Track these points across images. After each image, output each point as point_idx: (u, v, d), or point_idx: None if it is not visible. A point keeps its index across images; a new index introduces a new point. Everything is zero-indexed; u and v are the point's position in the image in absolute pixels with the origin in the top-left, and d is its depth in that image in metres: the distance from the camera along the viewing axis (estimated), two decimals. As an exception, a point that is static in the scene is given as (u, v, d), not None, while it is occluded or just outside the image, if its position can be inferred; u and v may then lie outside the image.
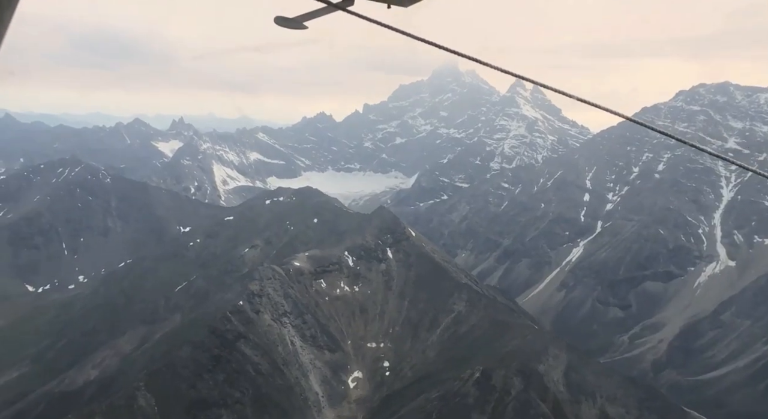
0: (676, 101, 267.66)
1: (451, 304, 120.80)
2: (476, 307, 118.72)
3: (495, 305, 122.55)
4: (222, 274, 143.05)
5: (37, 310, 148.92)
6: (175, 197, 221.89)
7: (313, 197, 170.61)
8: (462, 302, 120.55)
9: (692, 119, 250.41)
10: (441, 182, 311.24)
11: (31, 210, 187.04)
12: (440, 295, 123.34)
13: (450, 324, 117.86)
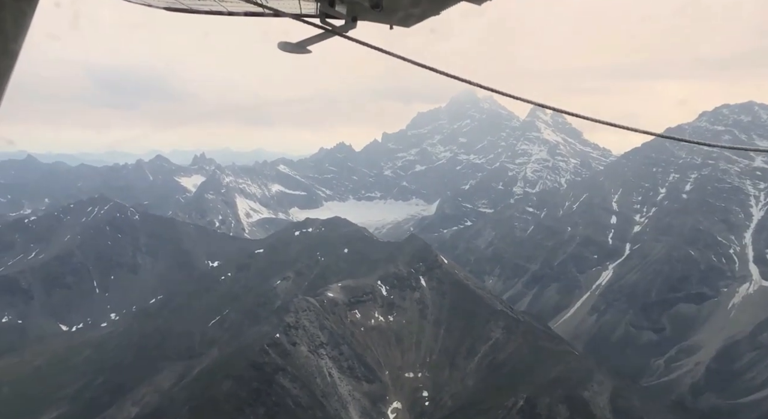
0: (700, 122, 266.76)
1: (488, 331, 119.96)
2: (514, 334, 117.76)
3: (533, 332, 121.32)
4: (255, 307, 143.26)
5: (73, 349, 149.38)
6: (202, 231, 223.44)
7: (342, 227, 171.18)
8: (499, 329, 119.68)
9: (717, 139, 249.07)
10: (464, 208, 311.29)
11: (63, 250, 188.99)
12: (476, 322, 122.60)
13: (488, 351, 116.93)
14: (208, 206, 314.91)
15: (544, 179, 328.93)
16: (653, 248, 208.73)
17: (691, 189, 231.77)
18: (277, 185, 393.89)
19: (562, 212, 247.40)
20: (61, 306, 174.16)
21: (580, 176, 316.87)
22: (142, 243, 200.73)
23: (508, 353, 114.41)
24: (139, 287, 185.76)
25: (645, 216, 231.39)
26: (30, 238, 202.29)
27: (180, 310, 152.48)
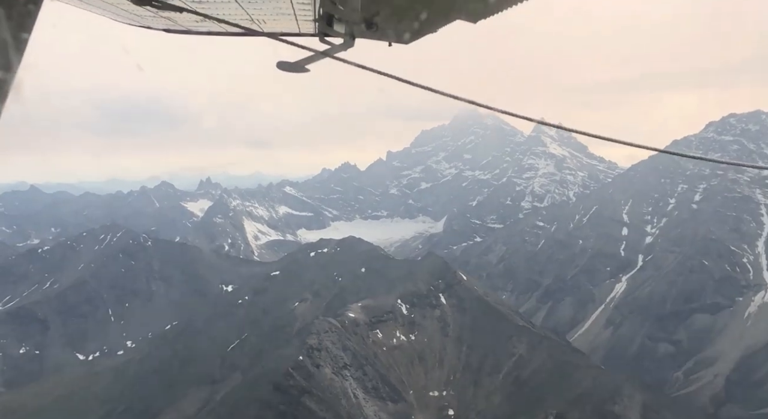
0: (706, 133, 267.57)
1: (510, 347, 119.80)
2: (537, 349, 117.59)
3: (556, 347, 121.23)
4: (274, 330, 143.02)
5: (91, 378, 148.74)
6: (214, 255, 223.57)
7: (358, 247, 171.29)
8: (522, 345, 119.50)
9: (725, 149, 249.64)
10: (473, 224, 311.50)
11: (77, 279, 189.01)
12: (499, 339, 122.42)
13: (512, 367, 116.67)
14: (216, 230, 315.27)
15: (552, 192, 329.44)
16: (666, 259, 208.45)
17: (701, 199, 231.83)
18: (284, 206, 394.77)
19: (572, 225, 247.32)
20: (78, 335, 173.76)
21: (589, 188, 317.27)
22: (155, 269, 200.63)
23: (533, 369, 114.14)
24: (153, 313, 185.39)
25: (656, 227, 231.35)
26: (44, 268, 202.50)
27: (198, 335, 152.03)
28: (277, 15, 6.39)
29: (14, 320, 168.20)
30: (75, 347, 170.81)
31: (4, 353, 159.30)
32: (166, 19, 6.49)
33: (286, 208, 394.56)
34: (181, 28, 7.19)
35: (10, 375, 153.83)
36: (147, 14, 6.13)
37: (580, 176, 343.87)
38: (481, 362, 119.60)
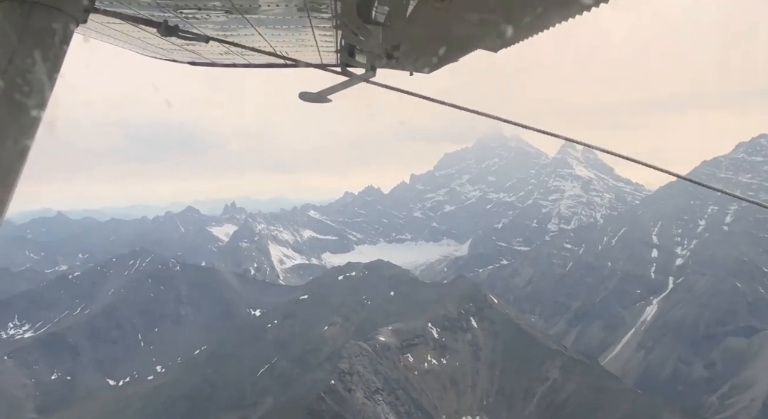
0: (736, 153, 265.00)
1: (544, 372, 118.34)
2: (572, 374, 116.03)
3: (591, 371, 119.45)
4: (304, 354, 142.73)
5: (123, 403, 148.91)
6: (241, 279, 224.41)
7: (386, 270, 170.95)
8: (556, 369, 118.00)
9: (756, 169, 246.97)
10: (499, 247, 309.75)
11: (107, 304, 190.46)
12: (531, 363, 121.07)
13: (546, 392, 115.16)
14: (242, 254, 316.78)
15: (579, 214, 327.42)
16: (698, 281, 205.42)
17: (731, 221, 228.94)
18: (309, 230, 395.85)
19: (600, 247, 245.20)
20: (108, 361, 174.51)
21: (616, 210, 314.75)
22: (183, 294, 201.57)
23: (568, 393, 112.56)
24: (182, 338, 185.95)
25: (687, 249, 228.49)
26: (75, 294, 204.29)
27: (227, 360, 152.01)
28: (300, 47, 6.56)
29: (46, 346, 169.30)
30: (105, 372, 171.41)
31: (36, 379, 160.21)
32: (191, 52, 6.75)
33: (311, 232, 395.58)
34: (205, 60, 7.48)
35: (43, 400, 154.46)
36: (173, 47, 6.38)
37: (607, 197, 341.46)
38: (515, 386, 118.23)
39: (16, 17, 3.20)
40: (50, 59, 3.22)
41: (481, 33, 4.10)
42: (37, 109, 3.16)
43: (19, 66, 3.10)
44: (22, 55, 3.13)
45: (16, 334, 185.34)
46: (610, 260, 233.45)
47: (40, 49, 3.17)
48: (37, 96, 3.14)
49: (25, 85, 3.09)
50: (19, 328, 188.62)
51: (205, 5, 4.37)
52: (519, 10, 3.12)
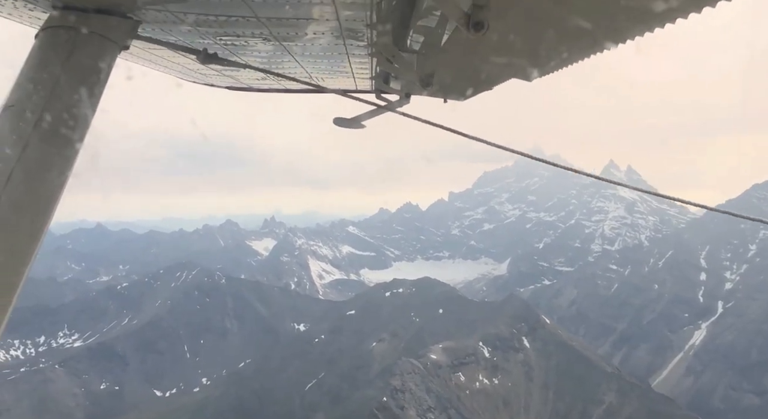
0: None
1: (600, 395, 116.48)
2: (628, 397, 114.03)
3: (648, 396, 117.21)
4: (352, 370, 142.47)
5: (170, 415, 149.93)
6: (285, 294, 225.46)
7: (434, 288, 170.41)
8: (612, 393, 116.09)
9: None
10: (540, 267, 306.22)
11: (154, 315, 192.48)
12: (586, 385, 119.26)
13: (602, 415, 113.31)
14: (283, 268, 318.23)
15: (623, 236, 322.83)
16: (748, 306, 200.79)
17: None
18: (347, 246, 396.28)
19: (647, 269, 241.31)
20: (155, 372, 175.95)
21: (661, 233, 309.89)
22: (229, 307, 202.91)
23: (625, 417, 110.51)
24: (228, 351, 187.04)
25: (736, 273, 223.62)
26: (123, 304, 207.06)
27: (274, 374, 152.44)
28: (335, 73, 6.67)
29: (95, 356, 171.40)
30: (152, 383, 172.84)
31: (85, 388, 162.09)
32: (229, 77, 6.88)
33: (349, 247, 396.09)
34: (243, 85, 7.63)
35: (92, 410, 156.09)
36: (211, 73, 6.54)
37: (651, 220, 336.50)
38: (569, 409, 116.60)
39: (62, 43, 3.37)
40: (94, 83, 3.37)
41: (515, 63, 4.09)
42: (80, 130, 3.31)
43: (64, 89, 3.25)
44: (67, 79, 3.29)
45: (65, 343, 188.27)
46: (657, 282, 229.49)
47: (85, 73, 3.34)
48: (80, 118, 3.29)
49: (68, 108, 3.24)
50: (68, 337, 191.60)
51: (244, 33, 4.49)
52: (553, 41, 3.11)
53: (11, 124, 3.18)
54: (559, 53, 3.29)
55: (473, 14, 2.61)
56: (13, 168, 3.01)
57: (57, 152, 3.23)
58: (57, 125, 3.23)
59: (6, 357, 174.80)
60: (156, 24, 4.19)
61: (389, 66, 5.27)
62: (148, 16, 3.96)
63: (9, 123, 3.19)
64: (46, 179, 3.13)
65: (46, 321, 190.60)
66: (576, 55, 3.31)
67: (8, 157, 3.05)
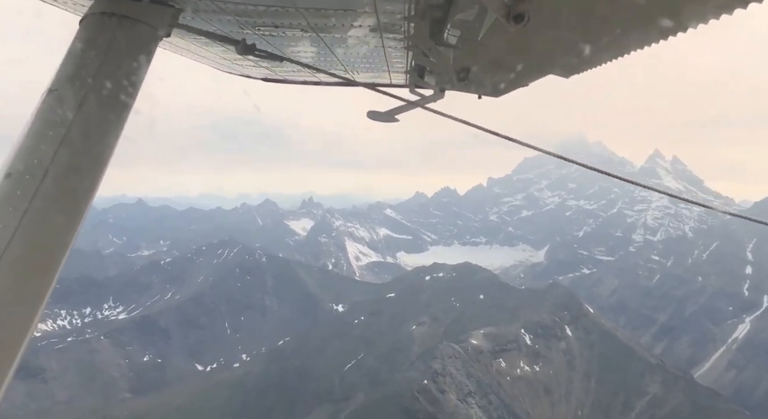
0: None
1: (643, 386, 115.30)
2: (672, 390, 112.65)
3: (693, 388, 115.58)
4: (392, 352, 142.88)
5: (212, 389, 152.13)
6: (325, 274, 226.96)
7: (475, 273, 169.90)
8: (655, 384, 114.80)
9: None
10: (580, 255, 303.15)
11: (196, 291, 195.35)
12: (629, 376, 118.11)
13: (645, 407, 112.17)
14: (321, 249, 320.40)
15: (666, 226, 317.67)
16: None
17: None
18: (384, 229, 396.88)
19: (691, 260, 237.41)
20: (196, 346, 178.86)
21: (705, 224, 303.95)
22: (268, 285, 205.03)
23: (669, 410, 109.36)
24: (267, 328, 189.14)
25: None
26: (166, 279, 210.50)
27: (314, 353, 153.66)
28: (371, 66, 6.65)
29: (139, 328, 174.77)
30: (194, 357, 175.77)
31: (129, 360, 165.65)
32: (265, 68, 6.96)
33: (386, 230, 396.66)
34: (278, 77, 7.75)
35: (136, 381, 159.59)
36: (248, 64, 6.57)
37: (696, 211, 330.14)
38: (611, 399, 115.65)
39: (105, 29, 3.50)
40: (135, 71, 3.48)
41: (553, 58, 4.05)
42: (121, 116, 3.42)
43: (106, 76, 3.36)
44: (109, 65, 3.39)
45: (110, 315, 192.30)
46: (700, 274, 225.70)
47: (126, 60, 3.45)
48: (121, 105, 3.41)
49: (110, 95, 3.36)
50: (113, 309, 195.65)
51: (282, 24, 4.50)
52: (594, 36, 3.08)
53: (55, 108, 3.27)
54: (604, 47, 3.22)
55: (514, 6, 2.59)
56: (56, 151, 3.12)
57: (98, 138, 3.35)
58: (100, 109, 3.35)
59: (53, 327, 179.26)
60: (196, 13, 4.24)
61: (425, 60, 5.34)
62: (189, 5, 4.02)
63: (52, 107, 3.28)
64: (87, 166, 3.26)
65: (91, 292, 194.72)
66: (622, 49, 3.23)
67: (51, 140, 3.16)
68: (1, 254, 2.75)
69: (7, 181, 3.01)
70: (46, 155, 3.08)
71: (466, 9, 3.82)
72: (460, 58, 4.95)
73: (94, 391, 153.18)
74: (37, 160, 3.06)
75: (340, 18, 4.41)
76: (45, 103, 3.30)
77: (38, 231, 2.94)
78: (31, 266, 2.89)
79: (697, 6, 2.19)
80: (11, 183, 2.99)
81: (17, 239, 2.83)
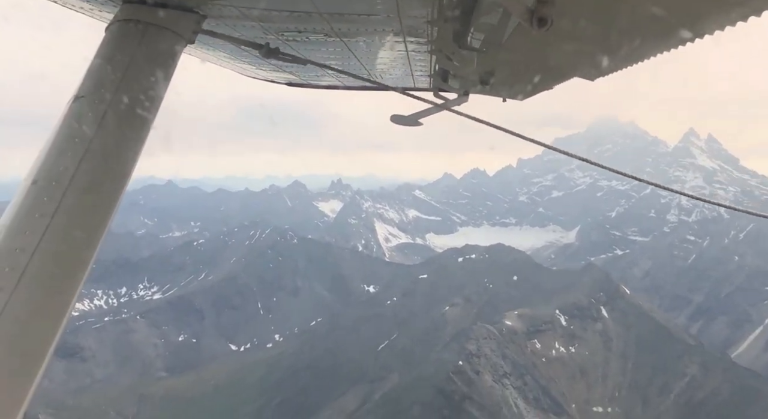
0: None
1: (682, 367, 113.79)
2: (712, 371, 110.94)
3: (733, 370, 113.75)
4: (425, 332, 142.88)
5: (246, 368, 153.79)
6: (355, 255, 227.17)
7: (508, 254, 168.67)
8: (694, 366, 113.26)
9: None
10: (612, 236, 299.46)
11: (229, 272, 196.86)
12: (667, 357, 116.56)
13: (684, 388, 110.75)
14: (351, 230, 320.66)
15: (701, 207, 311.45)
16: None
17: None
18: (413, 210, 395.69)
19: (727, 241, 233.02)
20: (230, 326, 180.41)
21: (742, 204, 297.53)
22: (300, 266, 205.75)
23: (709, 392, 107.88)
24: (299, 309, 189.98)
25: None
26: (199, 260, 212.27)
27: (347, 333, 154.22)
28: (394, 70, 6.69)
29: (174, 308, 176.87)
30: (228, 337, 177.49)
31: (165, 339, 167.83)
32: (289, 73, 7.05)
33: (416, 212, 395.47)
34: (302, 81, 7.83)
35: (171, 360, 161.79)
36: (271, 68, 6.66)
37: (732, 191, 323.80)
38: (649, 380, 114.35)
39: (131, 36, 3.59)
40: (161, 76, 3.57)
41: (577, 61, 4.11)
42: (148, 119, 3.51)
43: (133, 81, 3.44)
44: (135, 71, 3.48)
45: (145, 295, 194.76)
46: (737, 254, 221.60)
47: (152, 66, 3.55)
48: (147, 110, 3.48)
49: (136, 101, 3.42)
50: (148, 290, 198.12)
51: (306, 29, 4.53)
52: (618, 39, 3.05)
53: (81, 114, 3.33)
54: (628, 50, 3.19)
55: (537, 10, 2.57)
56: (84, 154, 3.17)
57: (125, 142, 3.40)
58: (126, 115, 3.40)
59: (90, 307, 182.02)
60: (220, 19, 4.26)
61: (449, 63, 5.22)
62: (213, 11, 4.07)
63: (79, 113, 3.33)
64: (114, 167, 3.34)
65: (127, 273, 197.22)
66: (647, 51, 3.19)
67: (78, 145, 3.21)
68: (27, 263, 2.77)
69: (33, 188, 3.06)
70: (72, 161, 3.14)
71: (489, 13, 3.86)
72: (483, 61, 4.90)
73: (130, 370, 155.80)
74: (63, 166, 3.11)
75: (364, 23, 4.46)
76: (71, 109, 3.36)
77: (64, 238, 2.97)
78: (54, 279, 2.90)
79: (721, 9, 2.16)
80: (37, 190, 3.05)
81: (43, 244, 2.86)
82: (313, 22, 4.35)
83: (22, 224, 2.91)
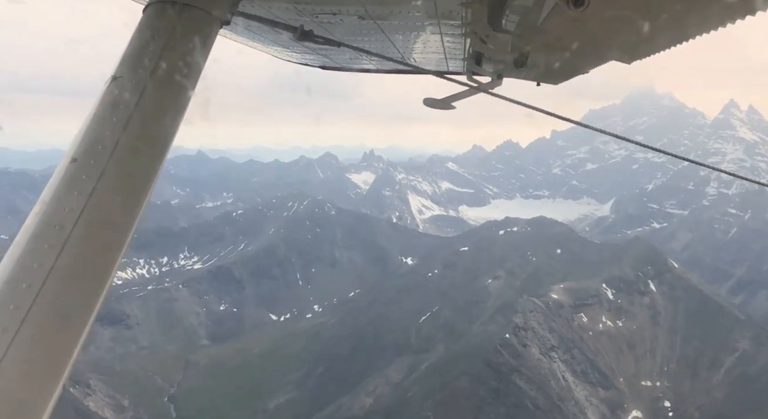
0: None
1: (732, 342, 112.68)
2: (764, 346, 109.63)
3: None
4: (468, 305, 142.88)
5: (288, 338, 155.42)
6: (392, 227, 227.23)
7: (550, 227, 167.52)
8: (745, 340, 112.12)
9: None
10: (650, 209, 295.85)
11: (268, 243, 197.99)
12: (717, 332, 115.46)
13: (735, 363, 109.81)
14: (384, 202, 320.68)
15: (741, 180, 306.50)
16: None
17: None
18: (446, 182, 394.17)
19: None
20: (269, 297, 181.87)
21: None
22: (338, 238, 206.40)
23: (760, 366, 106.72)
24: (338, 280, 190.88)
25: None
26: (238, 230, 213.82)
27: (387, 305, 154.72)
28: (428, 53, 6.63)
29: (214, 278, 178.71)
30: (268, 307, 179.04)
31: (207, 308, 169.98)
32: (323, 56, 7.04)
33: (449, 184, 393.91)
34: (335, 64, 7.79)
35: (213, 329, 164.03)
36: (305, 51, 6.69)
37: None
38: (699, 355, 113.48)
39: (167, 17, 3.61)
40: (196, 58, 3.59)
41: (614, 43, 4.08)
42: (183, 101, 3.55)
43: (168, 62, 3.46)
44: (171, 53, 3.51)
45: (186, 265, 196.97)
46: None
47: (188, 47, 3.57)
48: (182, 91, 3.53)
49: (171, 81, 3.47)
50: (189, 259, 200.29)
51: (340, 11, 4.54)
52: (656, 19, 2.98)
53: (118, 94, 3.38)
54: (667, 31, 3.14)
55: None
56: (120, 136, 3.22)
57: (161, 123, 3.45)
58: (162, 95, 3.45)
59: (133, 275, 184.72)
60: (255, 0, 4.30)
61: (483, 46, 5.18)
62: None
63: (116, 94, 3.38)
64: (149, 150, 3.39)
65: (168, 242, 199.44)
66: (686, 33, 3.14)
67: (115, 125, 3.27)
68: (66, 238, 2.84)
69: (72, 165, 3.11)
70: (110, 141, 3.19)
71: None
72: (518, 44, 4.81)
73: (174, 338, 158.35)
74: (101, 145, 3.17)
75: (398, 5, 4.48)
76: (108, 89, 3.41)
77: (102, 215, 3.04)
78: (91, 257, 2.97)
79: None
80: (77, 167, 3.10)
81: (82, 221, 2.92)
82: (348, 3, 4.35)
83: (62, 202, 2.98)
